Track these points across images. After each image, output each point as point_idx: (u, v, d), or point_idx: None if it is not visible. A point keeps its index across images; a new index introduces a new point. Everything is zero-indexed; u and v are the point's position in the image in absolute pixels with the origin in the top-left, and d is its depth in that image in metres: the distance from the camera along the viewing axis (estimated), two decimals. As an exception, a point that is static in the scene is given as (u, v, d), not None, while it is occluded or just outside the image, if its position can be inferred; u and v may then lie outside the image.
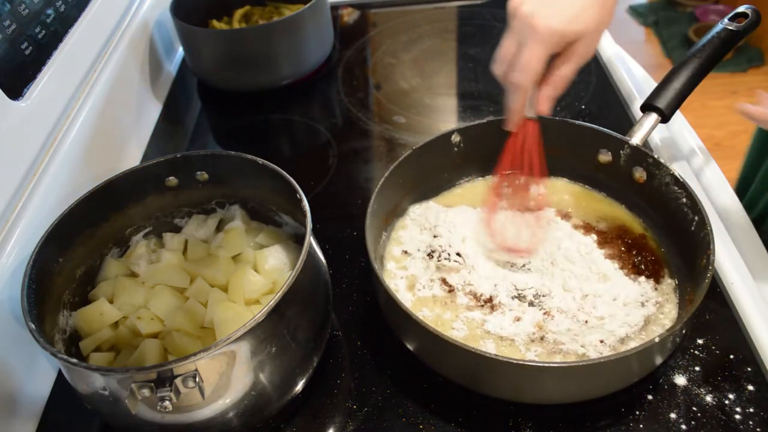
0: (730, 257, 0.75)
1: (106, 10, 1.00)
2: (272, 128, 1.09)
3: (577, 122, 0.79)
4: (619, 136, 0.76)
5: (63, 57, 0.84)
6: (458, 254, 0.74)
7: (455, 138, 0.81)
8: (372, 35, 1.31)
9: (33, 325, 0.55)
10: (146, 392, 0.51)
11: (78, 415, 0.69)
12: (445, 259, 0.74)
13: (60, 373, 0.73)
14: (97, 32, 0.97)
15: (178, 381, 0.51)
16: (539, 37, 0.65)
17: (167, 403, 0.51)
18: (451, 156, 0.82)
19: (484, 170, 0.85)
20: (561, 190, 0.83)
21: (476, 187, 0.85)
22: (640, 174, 0.75)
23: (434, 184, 0.84)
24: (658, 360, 0.62)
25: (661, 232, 0.75)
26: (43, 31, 0.81)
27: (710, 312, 0.71)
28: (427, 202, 0.83)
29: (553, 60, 0.68)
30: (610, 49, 1.14)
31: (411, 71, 1.18)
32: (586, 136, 0.79)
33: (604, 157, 0.78)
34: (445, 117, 1.08)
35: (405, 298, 0.72)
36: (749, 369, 0.66)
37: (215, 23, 1.19)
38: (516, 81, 0.68)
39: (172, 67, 1.23)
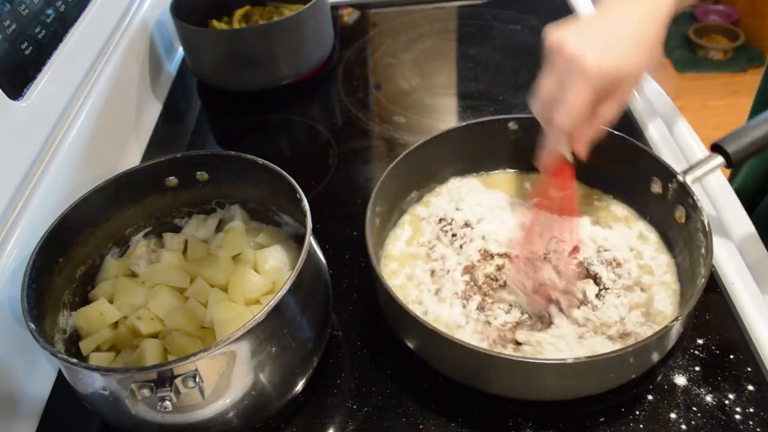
0: (730, 257, 0.75)
1: (106, 10, 1.00)
2: (272, 128, 1.09)
3: (638, 143, 0.75)
4: (671, 168, 0.71)
5: (63, 57, 0.84)
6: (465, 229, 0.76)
7: (512, 126, 0.80)
8: (372, 35, 1.31)
9: (33, 325, 0.56)
10: (146, 392, 0.51)
11: (78, 415, 0.69)
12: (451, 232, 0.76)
13: (60, 373, 0.73)
14: (97, 32, 0.97)
15: (178, 381, 0.51)
16: (588, 78, 0.60)
17: (167, 403, 0.51)
18: (506, 142, 0.82)
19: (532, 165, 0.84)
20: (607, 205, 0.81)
21: (521, 179, 0.85)
22: (680, 213, 0.71)
23: (483, 163, 0.85)
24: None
25: (683, 279, 0.71)
26: (43, 31, 0.81)
27: (710, 312, 0.71)
28: (468, 177, 0.84)
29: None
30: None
31: (411, 71, 1.18)
32: (644, 160, 0.75)
33: (656, 187, 0.74)
34: (445, 117, 1.08)
35: (399, 248, 0.75)
36: (749, 369, 0.66)
37: (215, 23, 1.19)
38: (559, 124, 0.63)
39: (172, 67, 1.23)
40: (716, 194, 0.82)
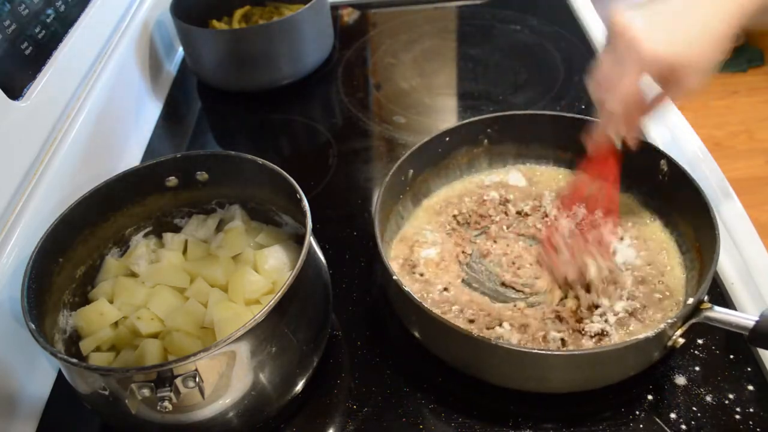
0: (730, 257, 0.75)
1: (106, 10, 1.00)
2: (272, 128, 1.09)
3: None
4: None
5: (63, 57, 0.84)
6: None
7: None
8: (372, 35, 1.31)
9: (33, 325, 0.56)
10: (146, 392, 0.51)
11: (78, 415, 0.68)
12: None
13: (60, 373, 0.73)
14: (97, 32, 0.97)
15: (178, 381, 0.51)
16: (644, 65, 0.59)
17: (167, 403, 0.51)
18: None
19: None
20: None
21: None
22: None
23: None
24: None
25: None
26: (43, 31, 0.81)
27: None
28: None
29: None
30: (610, 49, 1.13)
31: (411, 71, 1.18)
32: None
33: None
34: (445, 117, 1.08)
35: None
36: (749, 369, 0.66)
37: (215, 23, 1.19)
38: (610, 109, 0.62)
39: (172, 67, 1.23)
40: (716, 192, 0.83)
